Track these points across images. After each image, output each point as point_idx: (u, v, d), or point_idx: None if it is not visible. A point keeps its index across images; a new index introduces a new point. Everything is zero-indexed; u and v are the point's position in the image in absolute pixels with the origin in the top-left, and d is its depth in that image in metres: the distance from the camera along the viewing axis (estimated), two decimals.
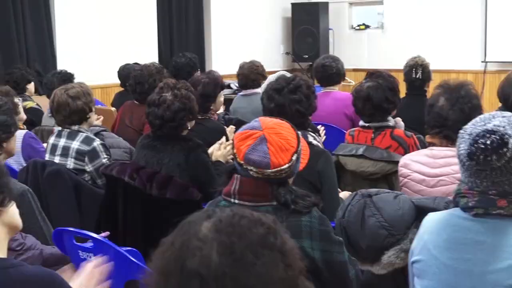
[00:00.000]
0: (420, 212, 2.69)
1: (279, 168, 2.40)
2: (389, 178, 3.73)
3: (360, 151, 3.83)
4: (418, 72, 5.57)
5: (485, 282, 2.03)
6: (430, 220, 2.26)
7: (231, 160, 3.86)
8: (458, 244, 2.11)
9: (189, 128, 3.89)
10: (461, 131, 2.14)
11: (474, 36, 9.84)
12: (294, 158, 2.45)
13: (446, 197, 2.81)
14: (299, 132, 3.51)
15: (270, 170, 2.40)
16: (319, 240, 2.44)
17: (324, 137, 4.60)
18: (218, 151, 4.15)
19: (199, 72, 6.45)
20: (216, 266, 1.22)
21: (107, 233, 3.19)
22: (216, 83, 4.79)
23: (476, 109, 3.22)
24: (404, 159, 3.38)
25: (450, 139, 3.22)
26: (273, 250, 1.27)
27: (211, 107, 4.77)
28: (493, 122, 2.06)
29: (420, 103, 4.86)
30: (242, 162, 2.42)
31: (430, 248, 2.18)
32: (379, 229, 2.65)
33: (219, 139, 4.36)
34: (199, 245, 1.24)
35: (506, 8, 9.37)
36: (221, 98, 4.90)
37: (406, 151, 3.81)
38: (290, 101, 3.57)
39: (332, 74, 5.68)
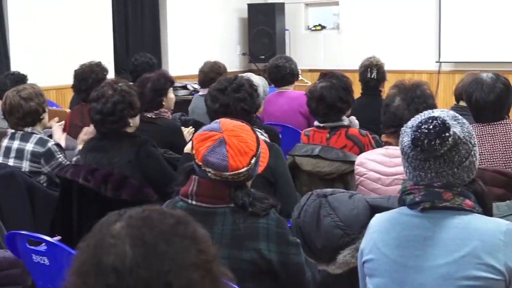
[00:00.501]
0: (375, 211, 2.71)
1: (237, 172, 2.40)
2: (345, 178, 3.76)
3: (316, 152, 3.85)
4: (373, 72, 5.63)
5: (436, 276, 2.06)
6: (378, 220, 2.29)
7: None
8: (407, 242, 2.14)
9: (131, 124, 3.84)
10: (402, 128, 2.19)
11: (429, 37, 9.96)
12: (253, 161, 2.45)
13: None
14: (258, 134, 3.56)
15: (228, 173, 2.39)
16: (276, 243, 2.44)
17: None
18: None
19: None
20: (130, 258, 1.24)
21: (59, 237, 3.16)
22: (166, 77, 4.77)
23: (431, 109, 3.27)
24: (360, 158, 3.41)
25: None
26: (184, 238, 1.30)
27: (163, 103, 4.73)
28: (434, 114, 2.13)
29: (375, 103, 4.91)
30: (200, 163, 2.41)
31: (380, 247, 2.20)
32: (334, 229, 2.67)
33: (174, 138, 4.35)
34: (113, 242, 1.27)
35: (459, 9, 9.50)
36: (172, 95, 4.87)
37: (361, 150, 3.84)
38: (234, 100, 3.59)
39: (286, 74, 5.71)
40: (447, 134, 2.05)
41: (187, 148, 3.73)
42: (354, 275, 2.72)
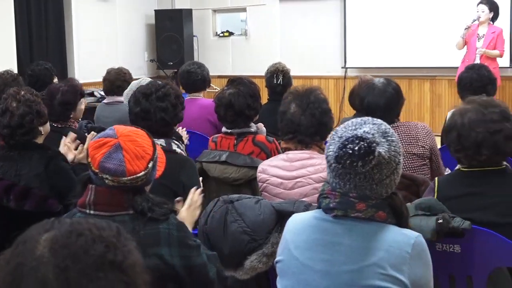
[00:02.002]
0: (281, 216, 2.75)
1: (135, 176, 2.37)
2: (252, 184, 3.78)
3: (223, 157, 3.86)
4: (279, 78, 5.68)
5: (340, 282, 2.08)
6: (293, 221, 2.30)
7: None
8: (316, 245, 2.16)
9: (42, 133, 3.75)
10: (332, 132, 2.21)
11: (335, 44, 10.16)
12: (150, 165, 2.42)
13: (305, 201, 2.88)
14: (163, 140, 3.54)
15: (126, 178, 2.36)
16: (177, 247, 2.43)
17: (188, 142, 4.61)
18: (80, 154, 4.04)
19: (56, 80, 6.26)
20: None
21: None
22: (76, 90, 4.68)
23: (326, 113, 3.36)
24: (262, 165, 3.45)
25: (304, 143, 3.34)
26: (112, 270, 1.25)
27: (71, 115, 4.65)
28: (364, 128, 2.12)
29: None
30: (97, 170, 2.37)
31: (291, 248, 2.21)
32: (241, 235, 2.69)
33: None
34: (35, 265, 1.21)
35: (362, 17, 9.78)
36: (81, 106, 4.79)
37: (268, 156, 3.87)
38: (156, 108, 3.55)
39: (197, 80, 5.69)
40: (370, 157, 2.05)
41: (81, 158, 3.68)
42: (262, 280, 2.75)
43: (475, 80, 4.79)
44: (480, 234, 2.67)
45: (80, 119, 4.94)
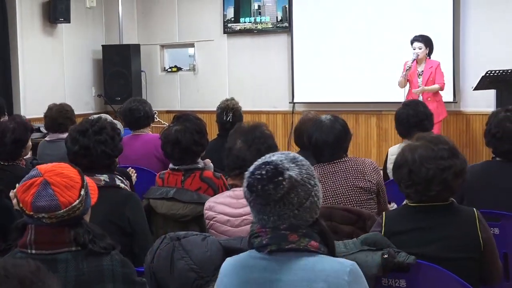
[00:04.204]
0: (228, 253, 2.74)
1: (70, 206, 2.35)
2: (199, 220, 3.76)
3: (171, 194, 3.85)
4: (228, 115, 5.70)
5: None
6: (228, 263, 2.30)
7: None
8: (256, 285, 2.16)
9: None
10: (245, 173, 2.22)
11: (282, 79, 10.24)
12: (82, 193, 2.40)
13: None
14: (106, 176, 3.50)
15: (62, 211, 2.33)
16: (122, 283, 2.40)
17: (135, 179, 4.59)
18: None
19: (7, 117, 6.16)
20: None
21: None
22: (26, 127, 4.63)
23: (271, 148, 3.37)
24: (209, 202, 3.44)
25: None
26: None
27: (22, 153, 4.61)
28: (272, 158, 2.18)
29: None
30: (31, 213, 2.33)
31: None
32: (188, 272, 2.68)
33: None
34: None
35: (310, 52, 9.88)
36: (30, 143, 4.74)
37: (216, 192, 3.87)
38: (95, 142, 3.53)
39: (140, 117, 5.66)
40: (280, 178, 2.10)
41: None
42: None
43: (412, 116, 4.91)
44: (425, 268, 2.71)
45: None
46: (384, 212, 3.10)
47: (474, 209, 2.94)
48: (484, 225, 2.87)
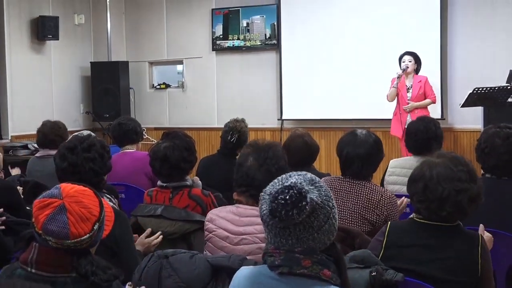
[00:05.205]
0: (216, 270, 2.74)
1: (79, 239, 2.31)
2: (188, 238, 3.76)
3: (159, 211, 3.83)
4: (233, 137, 5.73)
5: None
6: (240, 275, 2.29)
7: None
8: None
9: None
10: (261, 193, 2.19)
11: (271, 96, 10.26)
12: (96, 227, 2.36)
13: (241, 255, 2.87)
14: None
15: (69, 241, 2.30)
16: None
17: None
18: None
19: None
20: None
21: None
22: None
23: (283, 170, 3.30)
24: (211, 214, 3.38)
25: (255, 198, 3.28)
26: None
27: None
28: (291, 180, 2.14)
29: (227, 163, 5.02)
30: (40, 232, 2.31)
31: None
32: None
33: (10, 197, 4.20)
34: None
35: (298, 69, 9.92)
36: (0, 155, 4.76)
37: (204, 210, 3.86)
38: (83, 160, 3.52)
39: (129, 130, 5.68)
40: (303, 203, 2.06)
41: None
42: None
43: (421, 132, 4.90)
44: (413, 286, 2.70)
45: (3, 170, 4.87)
46: (389, 222, 3.08)
47: (480, 234, 2.93)
48: (486, 251, 2.85)
